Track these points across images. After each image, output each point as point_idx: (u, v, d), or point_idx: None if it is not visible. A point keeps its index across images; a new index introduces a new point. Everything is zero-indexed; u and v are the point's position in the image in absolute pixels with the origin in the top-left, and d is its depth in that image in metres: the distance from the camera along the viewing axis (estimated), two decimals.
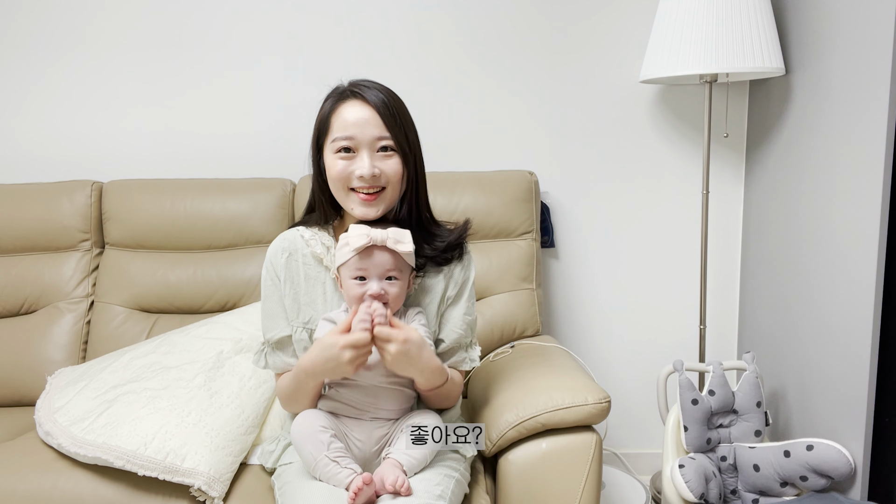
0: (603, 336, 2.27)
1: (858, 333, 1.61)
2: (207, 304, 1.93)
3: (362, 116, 1.25)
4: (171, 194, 1.97)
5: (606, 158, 2.18)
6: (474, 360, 1.40)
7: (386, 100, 1.27)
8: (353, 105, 1.26)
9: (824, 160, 1.75)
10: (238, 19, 2.12)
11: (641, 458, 2.27)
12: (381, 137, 1.26)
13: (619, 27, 2.12)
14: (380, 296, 1.24)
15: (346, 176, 1.26)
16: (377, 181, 1.26)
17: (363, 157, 1.25)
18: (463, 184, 1.96)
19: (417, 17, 2.12)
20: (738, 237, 2.22)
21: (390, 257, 1.25)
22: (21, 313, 1.95)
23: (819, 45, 1.76)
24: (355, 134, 1.25)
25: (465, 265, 1.39)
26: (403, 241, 1.25)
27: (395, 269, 1.26)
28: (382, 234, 1.24)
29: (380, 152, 1.26)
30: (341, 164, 1.26)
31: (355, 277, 1.26)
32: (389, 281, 1.26)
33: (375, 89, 1.28)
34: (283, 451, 1.39)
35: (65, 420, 1.47)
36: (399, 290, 1.27)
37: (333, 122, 1.27)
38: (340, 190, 1.28)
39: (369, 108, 1.26)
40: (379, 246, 1.24)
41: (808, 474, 1.63)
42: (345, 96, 1.28)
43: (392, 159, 1.27)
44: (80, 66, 2.13)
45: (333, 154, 1.27)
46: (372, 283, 1.25)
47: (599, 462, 1.40)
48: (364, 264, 1.25)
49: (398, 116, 1.27)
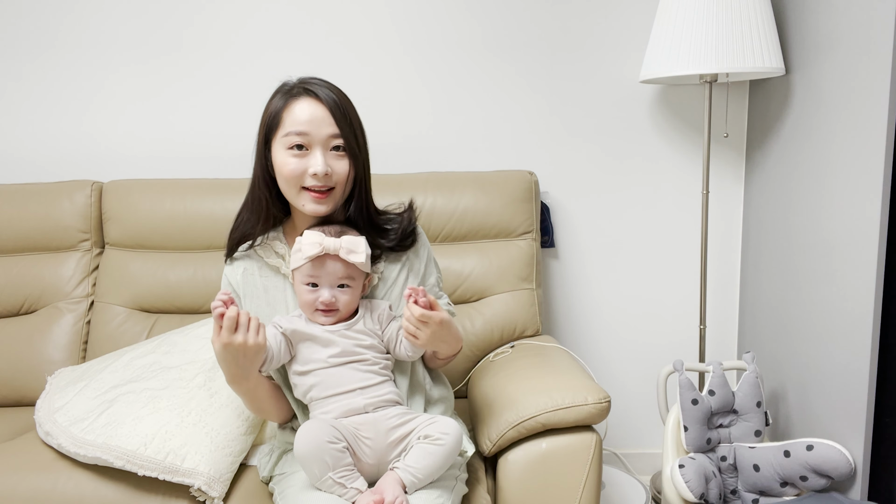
0: (603, 336, 2.27)
1: (858, 334, 1.61)
2: (207, 304, 1.92)
3: (316, 114, 1.25)
4: (171, 194, 1.96)
5: (606, 158, 2.18)
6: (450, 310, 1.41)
7: (337, 99, 1.27)
8: (306, 102, 1.26)
9: (824, 160, 1.75)
10: (238, 20, 2.12)
11: (641, 458, 2.27)
12: (334, 136, 1.26)
13: (619, 27, 2.12)
14: (330, 303, 1.25)
15: (299, 174, 1.25)
16: (328, 180, 1.26)
17: (317, 155, 1.25)
18: (463, 184, 1.96)
19: (417, 18, 2.12)
20: (738, 237, 2.22)
21: (343, 266, 1.25)
22: (21, 313, 1.95)
23: (819, 45, 1.76)
24: (309, 131, 1.24)
25: (418, 246, 1.41)
26: (357, 251, 1.25)
27: (347, 278, 1.26)
28: (335, 243, 1.24)
29: (332, 151, 1.27)
30: (294, 161, 1.25)
31: (307, 283, 1.26)
32: (342, 289, 1.27)
33: (326, 88, 1.28)
34: (277, 459, 1.37)
35: (65, 420, 1.47)
36: (351, 297, 1.28)
37: (285, 118, 1.26)
38: (292, 188, 1.27)
39: (322, 106, 1.25)
40: (332, 255, 1.24)
41: (808, 474, 1.63)
42: (297, 93, 1.27)
43: (343, 160, 1.27)
44: (80, 66, 2.14)
45: (285, 150, 1.26)
46: (323, 291, 1.25)
47: (599, 462, 1.40)
48: (316, 272, 1.25)
49: (349, 117, 1.27)
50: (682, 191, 2.19)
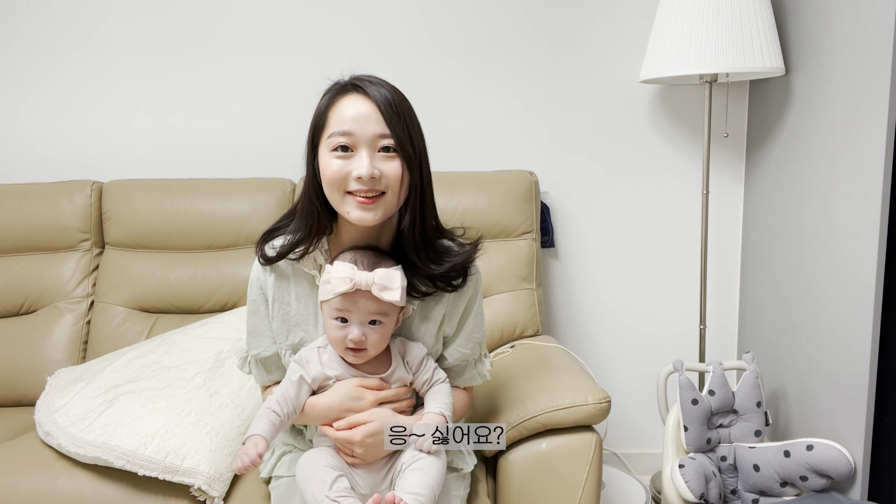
0: (603, 336, 2.27)
1: (858, 333, 1.61)
2: (207, 304, 1.92)
3: (363, 112, 1.12)
4: (171, 194, 1.97)
5: (607, 158, 2.18)
6: (484, 374, 1.34)
7: (390, 96, 1.14)
8: (353, 99, 1.14)
9: (824, 160, 1.75)
10: (238, 19, 2.12)
11: (641, 458, 2.27)
12: (382, 135, 1.13)
13: (619, 27, 2.12)
14: (360, 341, 1.16)
15: (342, 177, 1.13)
16: (376, 184, 1.13)
17: (362, 157, 1.12)
18: (463, 184, 1.96)
19: (418, 17, 2.12)
20: (738, 237, 2.22)
21: (375, 302, 1.15)
22: (21, 313, 1.95)
23: (819, 45, 1.76)
24: (354, 130, 1.12)
25: (466, 291, 1.27)
26: (391, 288, 1.14)
27: (379, 314, 1.16)
28: (368, 278, 1.13)
29: (381, 152, 1.13)
30: (337, 163, 1.13)
31: (336, 318, 1.17)
32: (373, 325, 1.17)
33: (379, 85, 1.15)
34: (277, 460, 1.36)
35: (65, 420, 1.47)
36: (382, 335, 1.18)
37: (331, 118, 1.15)
38: (336, 192, 1.15)
39: (371, 103, 1.13)
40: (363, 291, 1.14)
41: (808, 474, 1.63)
42: (345, 90, 1.16)
43: (394, 161, 1.14)
44: (80, 66, 2.13)
45: (329, 152, 1.14)
46: (353, 329, 1.16)
47: (599, 462, 1.40)
48: (346, 306, 1.15)
49: (402, 115, 1.14)
50: (682, 191, 2.19)
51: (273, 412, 1.17)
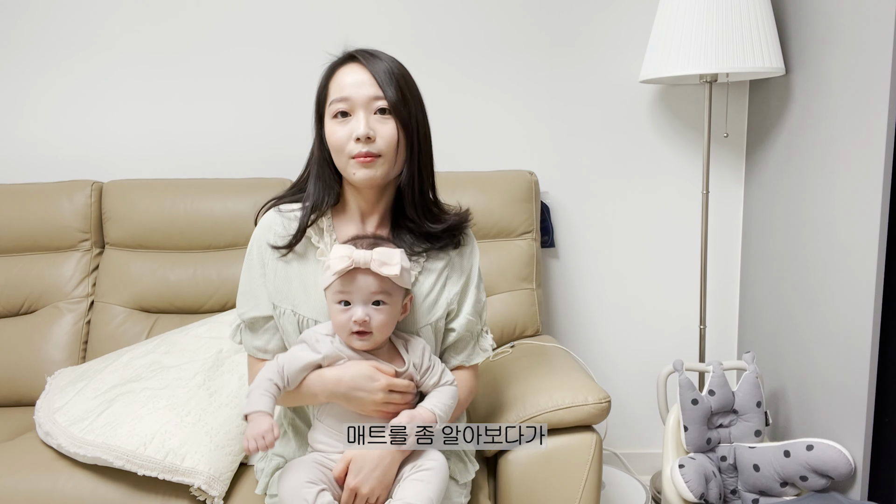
0: (603, 336, 2.27)
1: (858, 333, 1.61)
2: (207, 304, 1.92)
3: (358, 78, 1.20)
4: (171, 194, 1.97)
5: (606, 158, 2.18)
6: (486, 349, 1.35)
7: (387, 66, 1.21)
8: (349, 68, 1.22)
9: (824, 160, 1.75)
10: (237, 19, 2.12)
11: (641, 458, 2.27)
12: (376, 97, 1.19)
13: (619, 27, 2.12)
14: (364, 322, 1.15)
15: (345, 141, 1.19)
16: (373, 145, 1.18)
17: (359, 118, 1.18)
18: (463, 184, 1.96)
19: (417, 17, 2.12)
20: (738, 237, 2.22)
21: (376, 280, 1.15)
22: (21, 313, 1.95)
23: (819, 45, 1.76)
24: (350, 95, 1.19)
25: (469, 252, 1.33)
26: (390, 263, 1.14)
27: (381, 293, 1.16)
28: (366, 255, 1.14)
29: (377, 115, 1.19)
30: (339, 129, 1.19)
31: (339, 301, 1.16)
32: (377, 306, 1.16)
33: (378, 56, 1.23)
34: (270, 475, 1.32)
35: (64, 420, 1.47)
36: (387, 316, 1.17)
37: (331, 88, 1.22)
38: (341, 156, 1.21)
39: (365, 70, 1.20)
40: (363, 269, 1.15)
41: (808, 474, 1.63)
42: (343, 61, 1.23)
43: (388, 123, 1.19)
44: (80, 66, 2.13)
45: (331, 119, 1.21)
46: (356, 309, 1.15)
47: (599, 462, 1.40)
48: (347, 287, 1.15)
49: (397, 80, 1.20)
50: (682, 191, 2.19)
51: (273, 384, 1.16)
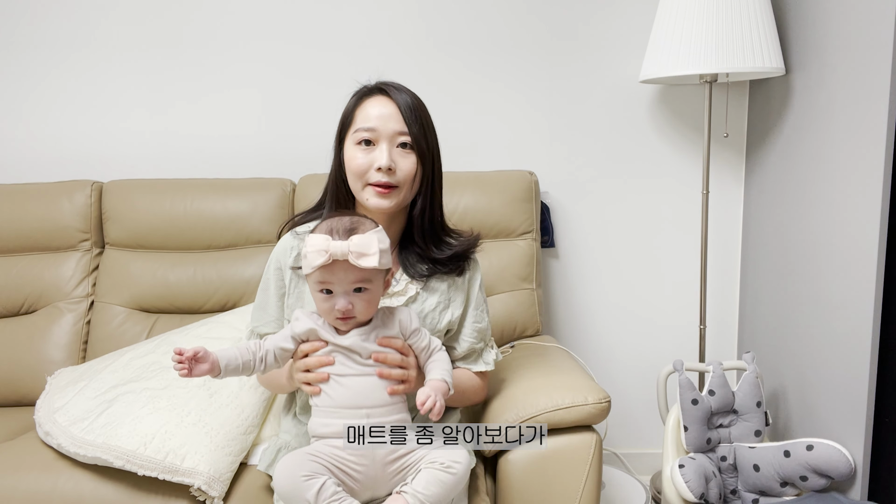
0: (603, 336, 2.27)
1: (858, 333, 1.61)
2: (207, 304, 1.93)
3: (385, 111, 1.28)
4: (171, 194, 1.97)
5: (606, 158, 2.18)
6: (488, 363, 1.42)
7: (410, 100, 1.30)
8: (377, 100, 1.30)
9: (824, 160, 1.75)
10: (238, 19, 2.12)
11: (641, 458, 2.27)
12: (400, 133, 1.28)
13: (619, 27, 2.12)
14: (347, 311, 1.17)
15: (365, 168, 1.27)
16: (392, 176, 1.27)
17: (382, 150, 1.27)
18: (463, 184, 1.96)
19: (418, 17, 2.12)
20: (738, 237, 2.22)
21: (355, 271, 1.15)
22: (21, 313, 1.95)
23: (819, 45, 1.76)
24: (377, 126, 1.27)
25: (470, 273, 1.40)
26: (368, 253, 1.14)
27: (362, 280, 1.17)
28: (343, 247, 1.14)
29: (399, 148, 1.28)
30: (361, 156, 1.28)
31: (321, 290, 1.18)
32: (358, 293, 1.17)
33: (402, 91, 1.31)
34: (274, 454, 1.35)
35: (64, 420, 1.47)
36: (368, 301, 1.19)
37: (357, 116, 1.30)
38: (358, 181, 1.29)
39: (393, 104, 1.29)
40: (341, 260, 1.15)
41: (808, 474, 1.63)
42: (371, 93, 1.32)
43: (409, 158, 1.29)
44: (80, 66, 2.13)
45: (354, 146, 1.29)
46: (339, 300, 1.17)
47: (599, 462, 1.40)
48: (328, 277, 1.16)
49: (420, 117, 1.30)
50: (681, 191, 2.19)
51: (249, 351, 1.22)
